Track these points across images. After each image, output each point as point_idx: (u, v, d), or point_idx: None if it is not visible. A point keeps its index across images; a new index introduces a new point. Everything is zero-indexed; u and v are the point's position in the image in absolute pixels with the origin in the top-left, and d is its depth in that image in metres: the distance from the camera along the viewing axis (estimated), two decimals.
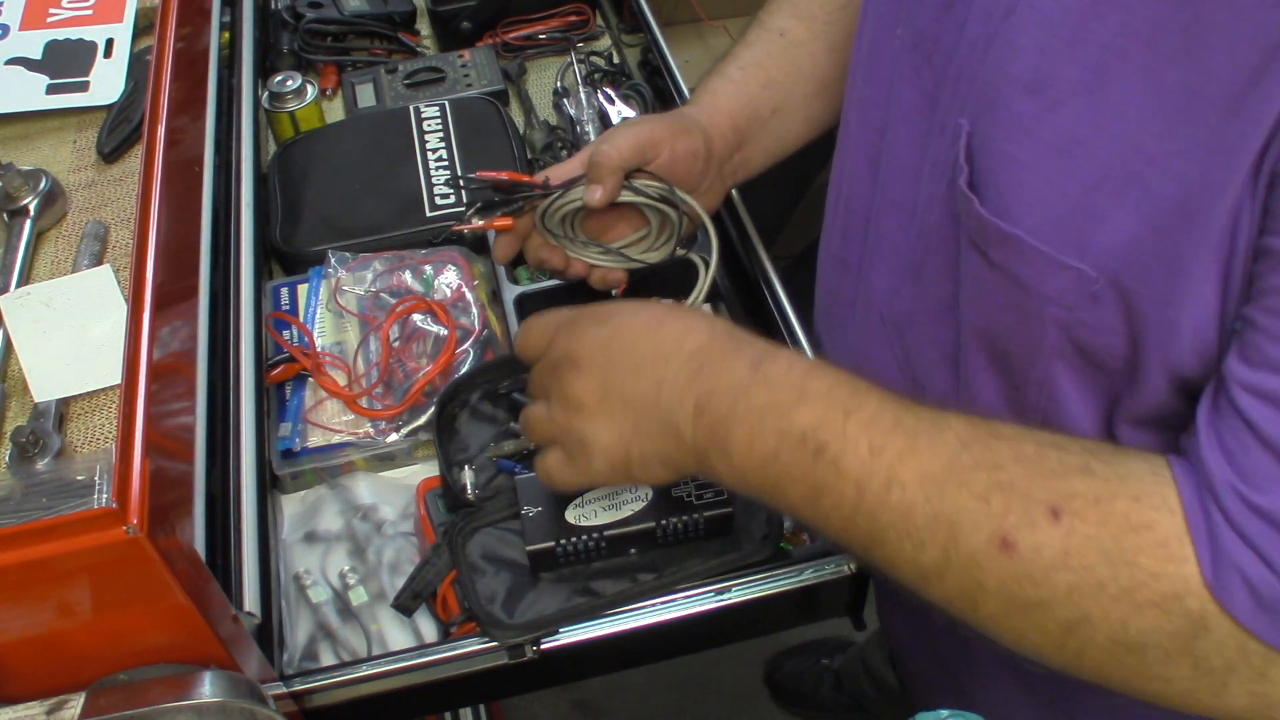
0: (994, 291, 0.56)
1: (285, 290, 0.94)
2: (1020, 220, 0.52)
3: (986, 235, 0.54)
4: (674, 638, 0.76)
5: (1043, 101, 0.51)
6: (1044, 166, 0.51)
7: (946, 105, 0.59)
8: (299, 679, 0.69)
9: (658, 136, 0.76)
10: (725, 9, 1.75)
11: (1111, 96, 0.48)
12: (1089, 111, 0.49)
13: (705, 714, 1.71)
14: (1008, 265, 0.54)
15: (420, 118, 1.07)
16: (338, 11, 1.20)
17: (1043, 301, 0.53)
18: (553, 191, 0.78)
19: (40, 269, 0.76)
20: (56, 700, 0.55)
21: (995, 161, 0.53)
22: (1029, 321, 0.55)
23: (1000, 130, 0.53)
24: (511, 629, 0.71)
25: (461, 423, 0.84)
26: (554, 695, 1.72)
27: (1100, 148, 0.49)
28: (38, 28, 0.90)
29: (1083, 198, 0.50)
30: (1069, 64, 0.49)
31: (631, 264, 0.82)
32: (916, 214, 0.64)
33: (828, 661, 1.68)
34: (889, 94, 0.65)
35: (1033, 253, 0.52)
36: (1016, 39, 0.52)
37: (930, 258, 0.63)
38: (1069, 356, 0.55)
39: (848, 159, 0.72)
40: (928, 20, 0.60)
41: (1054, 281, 0.52)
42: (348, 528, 0.83)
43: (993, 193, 0.53)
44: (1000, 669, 0.75)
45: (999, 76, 0.53)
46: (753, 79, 0.81)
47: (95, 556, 0.50)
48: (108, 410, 0.67)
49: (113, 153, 0.82)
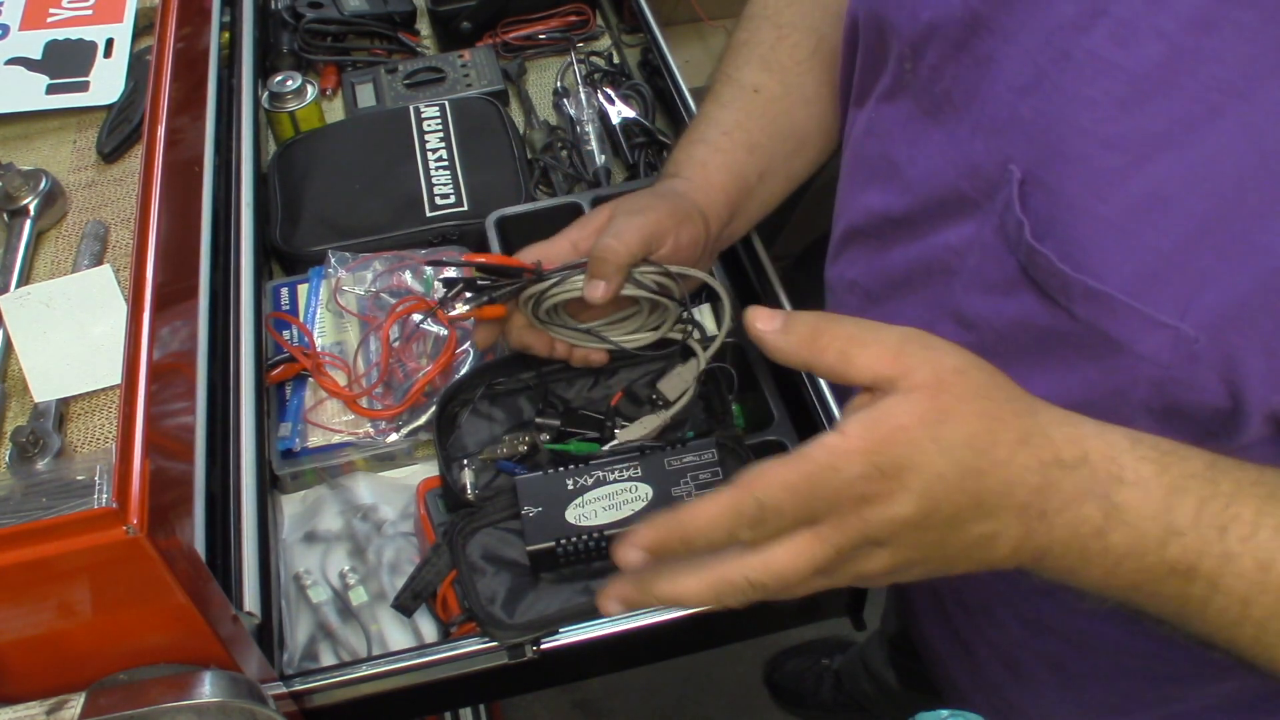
0: (1077, 347, 0.54)
1: (285, 290, 0.94)
2: (1108, 278, 0.50)
3: (1070, 292, 0.52)
4: (674, 638, 0.76)
5: (1125, 157, 0.49)
6: (1132, 223, 0.49)
7: (979, 146, 0.57)
8: (299, 679, 0.69)
9: (663, 228, 0.72)
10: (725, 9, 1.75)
11: (1206, 151, 0.47)
12: (1179, 167, 0.47)
13: (705, 714, 1.71)
14: (1096, 322, 0.52)
15: (420, 118, 1.07)
16: (338, 11, 1.20)
17: (1136, 359, 0.51)
18: (546, 277, 0.73)
19: (40, 269, 0.76)
20: (56, 700, 0.55)
21: (1072, 215, 0.51)
22: (1116, 376, 0.53)
23: (1076, 184, 0.51)
24: (512, 629, 0.71)
25: (462, 423, 0.84)
26: (554, 695, 1.72)
27: (1194, 204, 0.47)
28: (38, 28, 0.90)
29: (1177, 255, 0.48)
30: (1153, 119, 0.48)
31: (620, 348, 0.79)
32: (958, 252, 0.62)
33: (828, 661, 1.68)
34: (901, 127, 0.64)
35: (1126, 311, 0.50)
36: (1080, 89, 0.50)
37: (969, 299, 0.60)
38: (1155, 410, 0.53)
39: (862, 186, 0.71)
40: (940, 54, 0.59)
41: (1150, 340, 0.50)
42: (348, 528, 0.83)
43: (1071, 247, 0.51)
44: (1049, 677, 0.74)
45: (1064, 126, 0.51)
46: (738, 145, 0.78)
47: (95, 556, 0.50)
48: (108, 410, 0.67)
49: (113, 153, 0.82)
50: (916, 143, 0.64)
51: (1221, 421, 0.52)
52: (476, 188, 1.01)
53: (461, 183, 1.01)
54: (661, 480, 0.73)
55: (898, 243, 0.68)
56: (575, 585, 0.74)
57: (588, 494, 0.73)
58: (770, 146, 0.79)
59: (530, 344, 0.78)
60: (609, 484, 0.74)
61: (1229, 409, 0.51)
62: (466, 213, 0.99)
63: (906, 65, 0.63)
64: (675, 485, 0.73)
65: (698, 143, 0.79)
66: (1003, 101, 0.54)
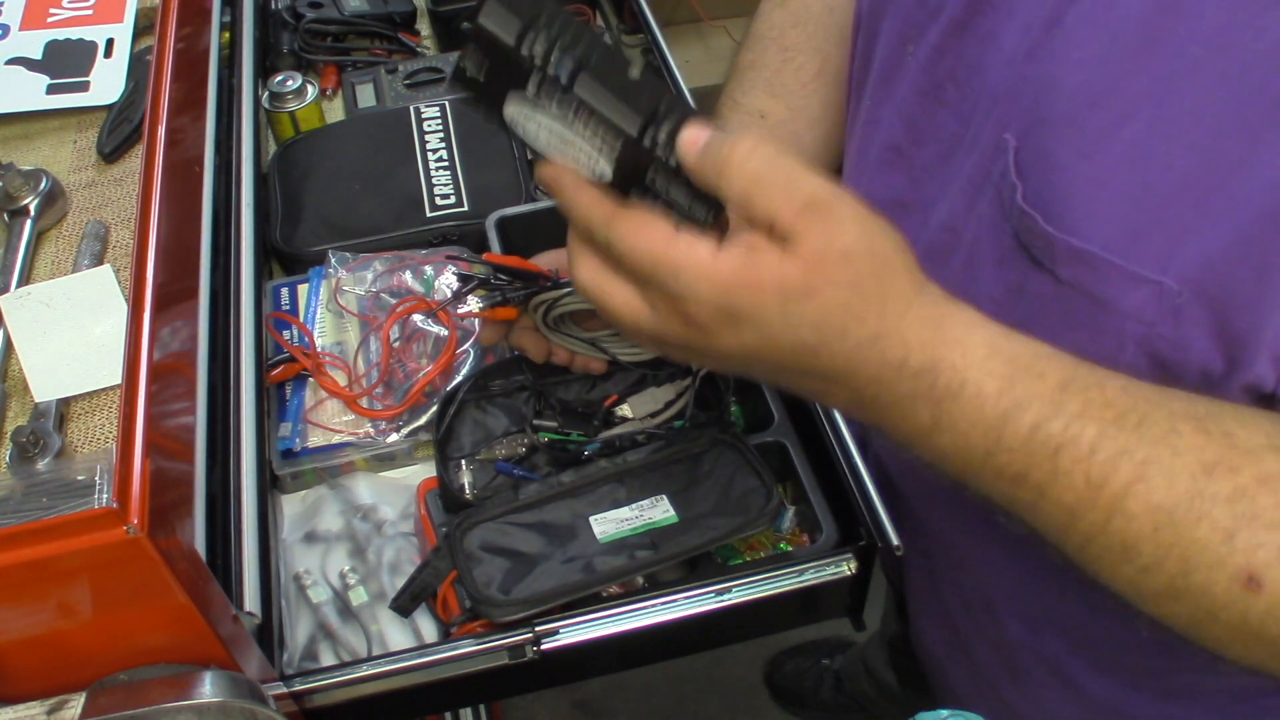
0: (1062, 310, 0.54)
1: (285, 290, 0.94)
2: (1092, 236, 0.51)
3: (1054, 253, 0.52)
4: (674, 638, 0.76)
5: (1109, 114, 0.49)
6: (1115, 179, 0.50)
7: (980, 122, 0.57)
8: (299, 679, 0.69)
9: None
10: (725, 9, 1.75)
11: (1185, 105, 0.47)
12: (1161, 122, 0.48)
13: (705, 714, 1.71)
14: (1080, 283, 0.52)
15: (420, 118, 1.07)
16: (338, 11, 1.20)
17: (1121, 318, 0.52)
18: (561, 285, 0.74)
19: (40, 269, 0.76)
20: (57, 700, 0.55)
21: (1058, 177, 0.52)
22: (1102, 339, 0.53)
23: (1060, 145, 0.51)
24: (508, 606, 0.70)
25: (461, 424, 0.84)
26: (554, 695, 1.72)
27: (1177, 158, 0.48)
28: (38, 28, 0.90)
29: (1161, 209, 0.48)
30: (1135, 75, 0.48)
31: (619, 361, 0.79)
32: (952, 229, 0.62)
33: (828, 662, 1.68)
34: (905, 111, 0.65)
35: (1108, 268, 0.50)
36: (1068, 53, 0.51)
37: (969, 274, 0.61)
38: (1144, 373, 0.53)
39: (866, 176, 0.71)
40: (942, 35, 0.60)
41: (1133, 296, 0.50)
42: (348, 528, 0.83)
43: (1057, 209, 0.52)
44: (1046, 677, 0.74)
45: (1051, 90, 0.52)
46: None
47: (95, 556, 0.50)
48: (108, 410, 0.67)
49: (113, 153, 0.82)
50: (919, 125, 0.64)
51: (1204, 384, 0.52)
52: (477, 188, 1.01)
53: (462, 183, 1.01)
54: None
55: (900, 228, 0.69)
56: (573, 565, 0.74)
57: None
58: None
59: (527, 347, 0.78)
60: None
61: (1210, 368, 0.51)
62: (467, 213, 0.99)
63: (910, 48, 0.63)
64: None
65: None
66: (1001, 75, 0.55)
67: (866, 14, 0.70)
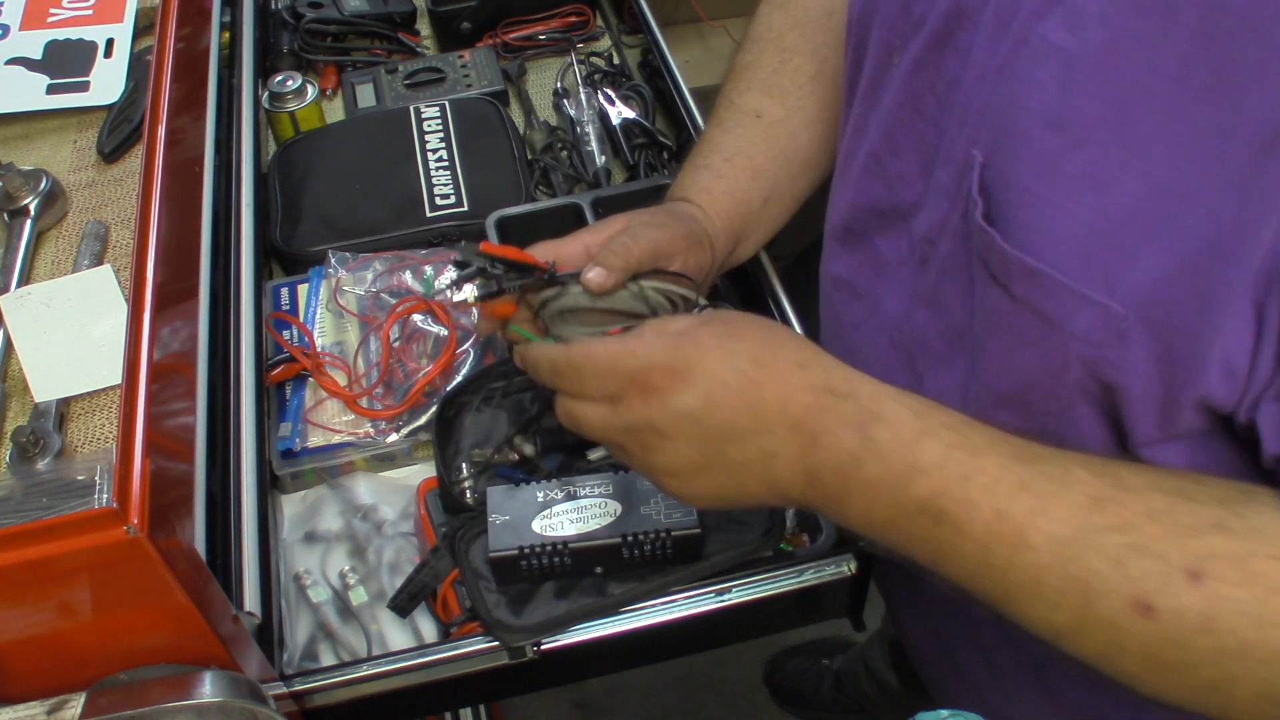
0: (1015, 327, 0.55)
1: (285, 290, 0.94)
2: (1044, 255, 0.51)
3: (1009, 270, 0.53)
4: (674, 638, 0.76)
5: (1066, 138, 0.50)
6: (1069, 202, 0.50)
7: (954, 135, 0.58)
8: (299, 679, 0.69)
9: (675, 246, 0.73)
10: (725, 9, 1.75)
11: (1139, 134, 0.48)
12: (1115, 149, 0.49)
13: (705, 714, 1.71)
14: (1031, 300, 0.53)
15: (420, 118, 1.07)
16: (338, 11, 1.20)
17: (1068, 338, 0.52)
18: (560, 279, 0.72)
19: (40, 269, 0.76)
20: (57, 700, 0.55)
21: (1016, 196, 0.53)
22: (1051, 357, 0.54)
23: (1021, 165, 0.52)
24: (520, 631, 0.70)
25: (461, 427, 0.84)
26: (554, 695, 1.72)
27: (1128, 184, 0.48)
28: (38, 28, 0.91)
29: (1111, 234, 0.49)
30: (1092, 100, 0.49)
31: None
32: (930, 240, 0.63)
33: (828, 662, 1.68)
34: (886, 121, 0.65)
35: (1058, 288, 0.51)
36: (1031, 72, 0.51)
37: (943, 285, 0.62)
38: (1091, 393, 0.54)
39: (849, 183, 0.71)
40: (924, 47, 0.60)
41: (1080, 318, 0.51)
42: (348, 528, 0.83)
43: (1014, 227, 0.53)
44: (1026, 680, 0.75)
45: (1014, 109, 0.52)
46: (741, 171, 0.79)
47: (95, 556, 0.50)
48: (108, 410, 0.67)
49: (113, 153, 0.82)
50: (897, 136, 0.65)
51: (1152, 405, 0.53)
52: (476, 188, 1.01)
53: (461, 183, 1.01)
54: (631, 499, 0.73)
55: (880, 236, 0.70)
56: (584, 582, 0.73)
57: (556, 506, 0.73)
58: (774, 170, 0.80)
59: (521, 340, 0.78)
60: (579, 499, 0.74)
61: (1160, 394, 0.52)
62: (467, 213, 0.99)
63: (895, 59, 0.63)
64: (645, 505, 0.73)
65: (701, 168, 0.80)
66: (973, 91, 0.56)
67: (856, 22, 0.70)
